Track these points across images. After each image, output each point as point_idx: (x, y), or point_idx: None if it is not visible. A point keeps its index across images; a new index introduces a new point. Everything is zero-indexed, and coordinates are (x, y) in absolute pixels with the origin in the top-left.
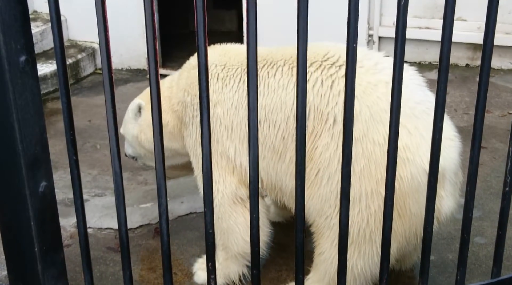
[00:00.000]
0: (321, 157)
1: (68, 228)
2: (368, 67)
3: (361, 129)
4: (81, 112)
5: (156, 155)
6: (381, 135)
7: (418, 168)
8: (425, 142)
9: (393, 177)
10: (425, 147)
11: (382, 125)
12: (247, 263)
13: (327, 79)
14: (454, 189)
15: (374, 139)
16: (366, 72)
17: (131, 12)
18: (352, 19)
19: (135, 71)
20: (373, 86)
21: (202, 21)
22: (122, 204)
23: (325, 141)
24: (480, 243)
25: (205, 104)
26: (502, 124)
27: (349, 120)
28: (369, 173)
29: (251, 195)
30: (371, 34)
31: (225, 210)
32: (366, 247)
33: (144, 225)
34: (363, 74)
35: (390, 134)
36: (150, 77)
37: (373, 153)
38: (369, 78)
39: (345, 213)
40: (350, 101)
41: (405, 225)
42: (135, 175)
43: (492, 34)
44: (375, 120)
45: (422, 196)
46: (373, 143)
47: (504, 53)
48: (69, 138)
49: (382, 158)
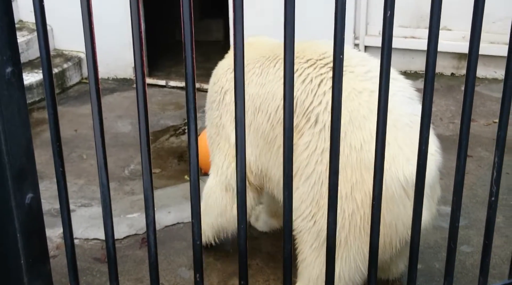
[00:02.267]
0: (301, 156)
1: (54, 239)
2: (358, 74)
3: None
4: (67, 122)
5: (144, 166)
6: (358, 140)
7: (393, 178)
8: (402, 153)
9: (380, 187)
10: (401, 159)
11: (360, 130)
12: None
13: (316, 77)
14: (429, 203)
15: (351, 143)
16: (355, 78)
17: (118, 22)
18: (339, 30)
19: (122, 81)
20: (357, 93)
21: (189, 31)
22: (109, 216)
23: (306, 140)
24: (466, 252)
25: (192, 115)
26: (487, 132)
27: (336, 130)
28: (345, 177)
29: (239, 207)
30: (357, 43)
31: (215, 191)
32: (343, 252)
33: (131, 236)
34: (351, 80)
35: (377, 145)
36: (137, 87)
37: (349, 157)
38: (355, 85)
39: (332, 223)
40: (338, 110)
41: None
42: (122, 185)
43: (477, 44)
44: (354, 125)
45: (396, 206)
46: (350, 147)
47: (488, 62)
48: (55, 149)
49: (358, 163)
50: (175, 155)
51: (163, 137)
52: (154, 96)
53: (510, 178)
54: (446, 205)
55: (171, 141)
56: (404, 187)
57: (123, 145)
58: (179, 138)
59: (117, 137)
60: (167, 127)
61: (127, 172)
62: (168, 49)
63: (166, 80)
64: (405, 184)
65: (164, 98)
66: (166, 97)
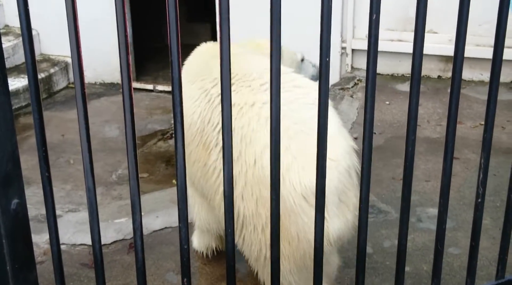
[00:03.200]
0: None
1: (41, 245)
2: (253, 87)
3: (235, 150)
4: (54, 127)
5: (130, 171)
6: (252, 156)
7: (289, 189)
8: (297, 162)
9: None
10: (296, 168)
11: (251, 146)
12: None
13: (219, 95)
14: (340, 210)
15: (246, 160)
16: (250, 91)
17: (105, 26)
18: (325, 36)
19: (109, 85)
20: (249, 107)
21: (175, 35)
22: (95, 221)
23: (213, 158)
24: (454, 254)
25: (179, 119)
26: (474, 135)
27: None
28: (248, 194)
29: (226, 211)
30: (344, 47)
31: (188, 192)
32: (263, 268)
33: (119, 241)
34: (245, 94)
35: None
36: (123, 92)
37: (247, 174)
38: (248, 98)
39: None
40: (324, 117)
41: (292, 247)
42: (110, 190)
43: (463, 46)
44: (246, 141)
45: (300, 217)
46: (246, 164)
47: (474, 64)
48: (41, 154)
49: (255, 180)
50: (163, 160)
51: (151, 142)
52: (142, 100)
53: (497, 179)
54: (434, 207)
55: (158, 145)
56: (304, 196)
57: (111, 150)
58: (167, 143)
59: (104, 142)
60: (155, 132)
61: (114, 177)
62: (155, 54)
63: (153, 84)
64: (305, 193)
65: (151, 102)
66: (153, 102)
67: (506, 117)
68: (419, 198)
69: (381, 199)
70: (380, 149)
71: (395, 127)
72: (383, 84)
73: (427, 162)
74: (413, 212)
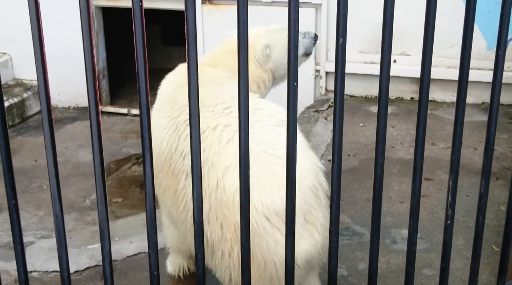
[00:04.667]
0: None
1: (12, 272)
2: (217, 111)
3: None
4: (27, 152)
5: (98, 197)
6: (214, 179)
7: (251, 210)
8: (258, 183)
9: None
10: (257, 188)
11: (213, 169)
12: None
13: (184, 122)
14: (306, 230)
15: (209, 183)
16: (213, 115)
17: (80, 52)
18: (292, 61)
19: (83, 109)
20: (211, 130)
21: (142, 61)
22: (64, 249)
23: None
24: (428, 275)
25: (147, 144)
26: (447, 156)
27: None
28: (214, 218)
29: (196, 236)
30: (318, 69)
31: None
32: None
33: (92, 267)
34: (208, 118)
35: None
36: (90, 118)
37: (210, 197)
38: (210, 122)
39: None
40: (292, 139)
41: (259, 271)
42: (83, 215)
43: (429, 69)
44: (208, 164)
45: (263, 240)
46: (209, 187)
47: (446, 86)
48: (7, 181)
49: (218, 202)
50: (137, 184)
51: (125, 166)
52: (116, 124)
53: (470, 200)
54: (407, 228)
55: (133, 169)
56: (267, 216)
57: (84, 175)
58: (141, 167)
59: (78, 167)
60: (129, 156)
61: (88, 202)
62: (130, 78)
63: (128, 108)
64: (267, 214)
65: (126, 126)
66: (128, 126)
67: (478, 138)
68: (393, 220)
69: (355, 221)
70: (355, 170)
71: (369, 149)
72: (357, 106)
73: (401, 183)
74: (388, 234)
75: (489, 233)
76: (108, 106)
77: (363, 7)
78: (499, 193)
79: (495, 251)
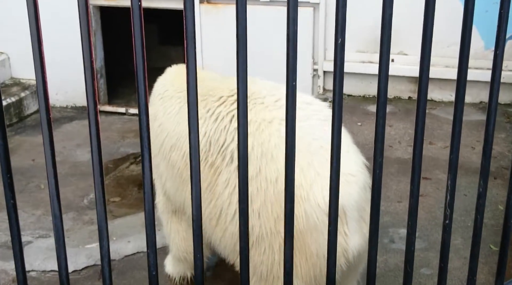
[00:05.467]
0: (222, 196)
1: (10, 272)
2: (267, 104)
3: (254, 167)
4: (25, 151)
5: (97, 196)
6: (274, 172)
7: (313, 205)
8: (320, 178)
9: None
10: (320, 184)
11: (273, 162)
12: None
13: (228, 114)
14: (359, 226)
15: (267, 177)
16: (265, 108)
17: (77, 51)
18: (291, 60)
19: (80, 109)
20: (267, 123)
21: (141, 61)
22: (62, 248)
23: (224, 178)
24: (426, 274)
25: (145, 144)
26: (445, 155)
27: (290, 159)
28: (266, 212)
29: (194, 236)
30: (316, 69)
31: (163, 218)
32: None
33: (90, 266)
34: (261, 111)
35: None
36: (89, 116)
37: (267, 191)
38: (265, 115)
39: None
40: (291, 141)
41: (308, 264)
42: (81, 215)
43: (427, 68)
44: (267, 157)
45: (322, 235)
46: (266, 181)
47: (444, 85)
48: (6, 181)
49: (276, 197)
50: (136, 183)
51: (123, 165)
52: (114, 123)
53: (467, 199)
54: (405, 227)
55: (131, 169)
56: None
57: (82, 174)
58: (139, 166)
59: (76, 166)
60: (127, 155)
61: (86, 202)
62: (128, 77)
63: (126, 108)
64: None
65: (124, 125)
66: (126, 125)
67: (475, 138)
68: (391, 219)
69: None
70: None
71: (367, 149)
72: (355, 105)
73: (399, 182)
74: (386, 233)
75: (487, 233)
76: (105, 105)
77: (361, 6)
78: (497, 192)
79: (493, 251)
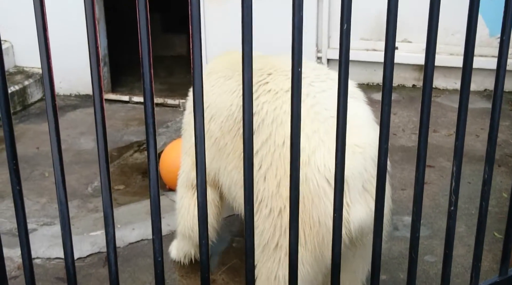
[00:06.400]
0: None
1: (15, 259)
2: (289, 76)
3: (266, 132)
4: (29, 139)
5: (103, 183)
6: (281, 137)
7: (314, 170)
8: (324, 146)
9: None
10: (323, 151)
11: (282, 127)
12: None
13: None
14: (363, 197)
15: (275, 141)
16: (286, 80)
17: (81, 39)
18: (296, 44)
19: (84, 97)
20: (284, 92)
21: (146, 47)
22: (68, 235)
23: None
24: (430, 261)
25: (151, 131)
26: (449, 143)
27: (296, 152)
28: (271, 175)
29: (200, 223)
30: (320, 57)
31: (180, 191)
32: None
33: (94, 254)
34: (282, 81)
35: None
36: (94, 105)
37: (274, 154)
38: (284, 85)
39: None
40: (297, 127)
41: (312, 232)
42: (85, 202)
43: (433, 56)
44: (277, 122)
45: (322, 202)
46: (275, 145)
47: (448, 73)
48: (12, 168)
49: (280, 161)
50: (140, 171)
51: (127, 153)
52: (118, 112)
53: (471, 187)
54: (410, 215)
55: (135, 157)
56: (328, 179)
57: (86, 162)
58: (143, 154)
59: (80, 154)
60: (131, 143)
61: (90, 189)
62: (131, 65)
63: (129, 96)
64: (329, 176)
65: (127, 113)
66: (129, 113)
67: (480, 125)
68: (395, 207)
69: None
70: None
71: None
72: None
73: (403, 170)
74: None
75: (491, 220)
76: (109, 93)
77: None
78: (501, 180)
79: (496, 238)
